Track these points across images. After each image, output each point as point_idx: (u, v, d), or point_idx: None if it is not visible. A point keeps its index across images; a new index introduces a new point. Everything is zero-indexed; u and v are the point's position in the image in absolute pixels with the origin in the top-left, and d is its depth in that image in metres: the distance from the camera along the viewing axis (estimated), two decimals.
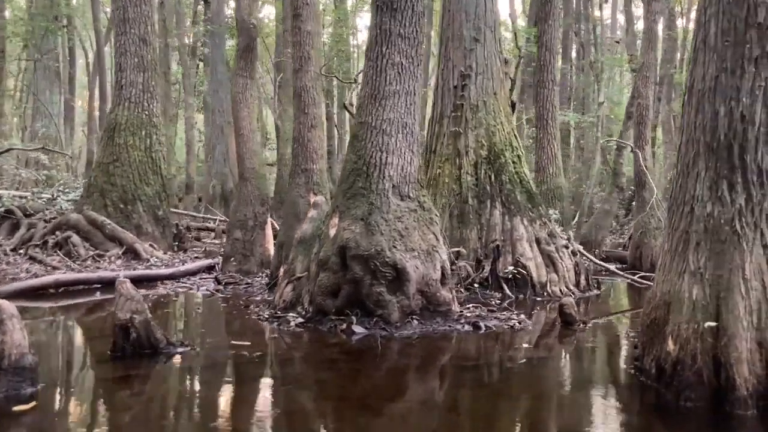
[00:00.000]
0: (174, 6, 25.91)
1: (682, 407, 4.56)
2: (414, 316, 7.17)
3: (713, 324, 4.65)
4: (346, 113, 26.92)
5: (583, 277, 10.25)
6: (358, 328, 6.86)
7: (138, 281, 10.48)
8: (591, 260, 11.43)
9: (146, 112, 13.88)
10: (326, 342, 6.60)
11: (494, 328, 7.26)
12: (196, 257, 13.26)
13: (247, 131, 11.19)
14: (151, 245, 13.18)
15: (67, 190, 15.01)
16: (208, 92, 26.67)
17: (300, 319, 7.24)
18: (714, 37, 4.89)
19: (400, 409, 4.71)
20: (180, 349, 6.00)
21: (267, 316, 7.56)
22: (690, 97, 5.09)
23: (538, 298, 9.46)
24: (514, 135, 10.87)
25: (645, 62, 13.74)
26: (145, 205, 13.65)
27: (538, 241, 10.08)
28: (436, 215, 7.78)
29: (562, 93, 27.54)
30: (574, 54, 27.99)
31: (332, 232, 7.29)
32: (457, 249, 9.99)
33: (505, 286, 9.65)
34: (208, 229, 18.46)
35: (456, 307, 7.68)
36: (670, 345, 4.78)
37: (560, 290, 9.78)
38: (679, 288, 4.92)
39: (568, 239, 10.56)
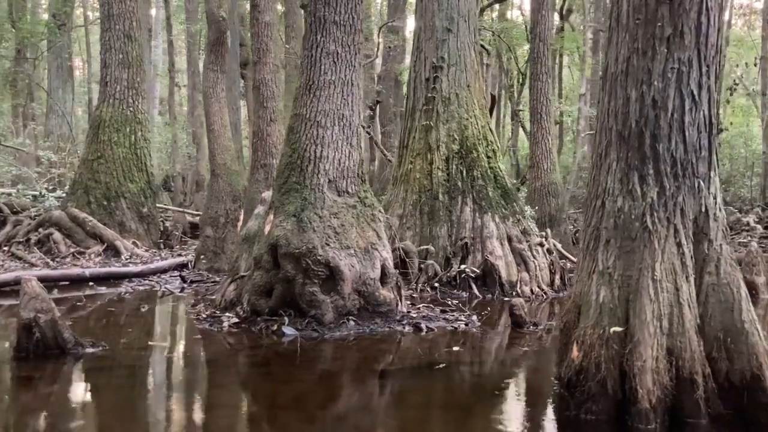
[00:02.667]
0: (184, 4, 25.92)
1: (582, 420, 4.17)
2: (351, 317, 6.85)
3: (619, 329, 4.25)
4: None
5: (558, 276, 9.80)
6: (288, 330, 6.58)
7: (105, 279, 10.43)
8: (570, 259, 10.93)
9: (131, 109, 13.76)
10: (255, 344, 6.33)
11: (436, 330, 6.91)
12: (179, 255, 13.10)
13: (219, 126, 10.99)
14: (134, 242, 13.08)
15: (52, 187, 15.02)
16: None
17: (235, 320, 6.98)
18: (626, 15, 4.47)
19: (299, 417, 4.42)
20: (90, 350, 5.78)
21: (205, 317, 7.30)
22: (604, 81, 4.67)
23: (506, 298, 9.04)
24: (489, 129, 10.44)
25: None
26: (128, 202, 13.54)
27: (509, 239, 9.66)
28: (380, 212, 7.43)
29: (593, 88, 26.84)
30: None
31: (267, 228, 7.02)
32: (425, 247, 9.64)
33: (474, 286, 9.27)
34: None
35: (401, 308, 7.35)
36: (575, 352, 4.38)
37: (531, 290, 9.35)
38: (588, 290, 4.51)
39: (545, 237, 10.10)
